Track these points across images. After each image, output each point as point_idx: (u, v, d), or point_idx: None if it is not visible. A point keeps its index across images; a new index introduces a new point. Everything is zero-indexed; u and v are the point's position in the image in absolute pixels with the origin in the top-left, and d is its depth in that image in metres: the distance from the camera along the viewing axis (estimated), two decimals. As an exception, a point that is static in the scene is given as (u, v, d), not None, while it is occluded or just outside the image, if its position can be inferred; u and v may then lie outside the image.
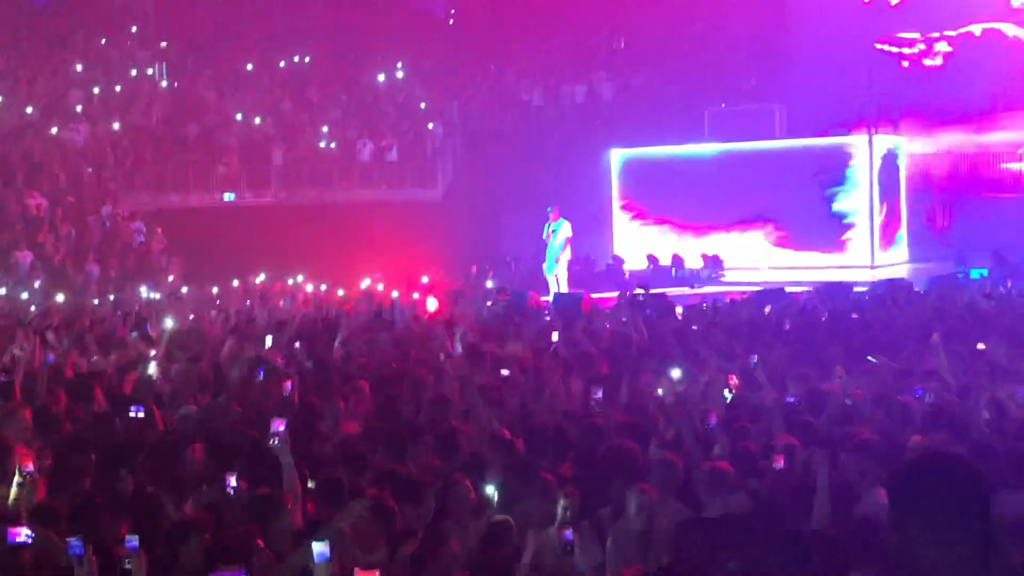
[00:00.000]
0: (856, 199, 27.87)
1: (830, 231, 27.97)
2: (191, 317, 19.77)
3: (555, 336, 14.30)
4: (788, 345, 13.85)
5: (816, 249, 27.83)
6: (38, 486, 7.41)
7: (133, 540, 5.61)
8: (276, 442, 7.49)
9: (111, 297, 25.41)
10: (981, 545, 3.13)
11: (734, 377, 11.01)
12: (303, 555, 5.91)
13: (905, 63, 31.44)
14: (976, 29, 30.46)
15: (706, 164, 29.30)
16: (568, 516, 6.96)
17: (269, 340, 14.56)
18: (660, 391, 10.64)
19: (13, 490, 7.30)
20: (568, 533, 6.20)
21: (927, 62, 31.07)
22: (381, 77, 37.61)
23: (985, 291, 18.56)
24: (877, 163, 27.82)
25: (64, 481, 7.74)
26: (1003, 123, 29.88)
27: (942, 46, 31.04)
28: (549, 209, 25.90)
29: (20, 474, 7.29)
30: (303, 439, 8.74)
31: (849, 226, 27.93)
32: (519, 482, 7.63)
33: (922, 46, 31.16)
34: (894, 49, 31.51)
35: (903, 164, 28.96)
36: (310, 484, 7.77)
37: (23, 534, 6.11)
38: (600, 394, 10.07)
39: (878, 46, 31.27)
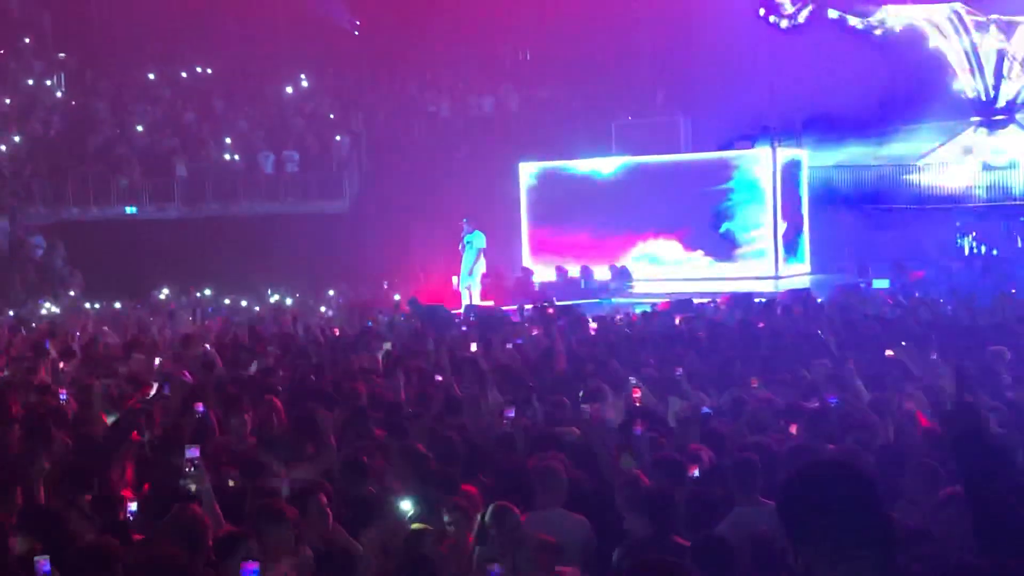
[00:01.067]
0: (759, 211, 28.30)
1: (734, 243, 28.36)
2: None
3: (473, 347, 14.30)
4: (702, 356, 13.99)
5: (721, 260, 28.20)
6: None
7: (45, 561, 5.43)
8: (191, 469, 7.41)
9: (11, 312, 24.85)
10: (881, 557, 3.08)
11: (638, 391, 11.07)
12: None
13: (784, 23, 32.23)
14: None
15: (613, 176, 29.55)
16: (454, 530, 6.99)
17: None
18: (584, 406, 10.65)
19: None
20: (495, 569, 6.10)
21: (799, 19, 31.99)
22: (289, 89, 37.32)
23: (892, 299, 18.97)
24: (780, 175, 28.26)
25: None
26: (901, 136, 30.66)
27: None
28: (464, 221, 25.94)
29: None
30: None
31: (753, 238, 28.35)
32: (434, 497, 7.63)
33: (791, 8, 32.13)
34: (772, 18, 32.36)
35: (805, 176, 29.47)
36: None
37: None
38: (512, 412, 10.02)
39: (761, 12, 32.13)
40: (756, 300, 20.76)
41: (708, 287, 24.64)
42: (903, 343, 13.20)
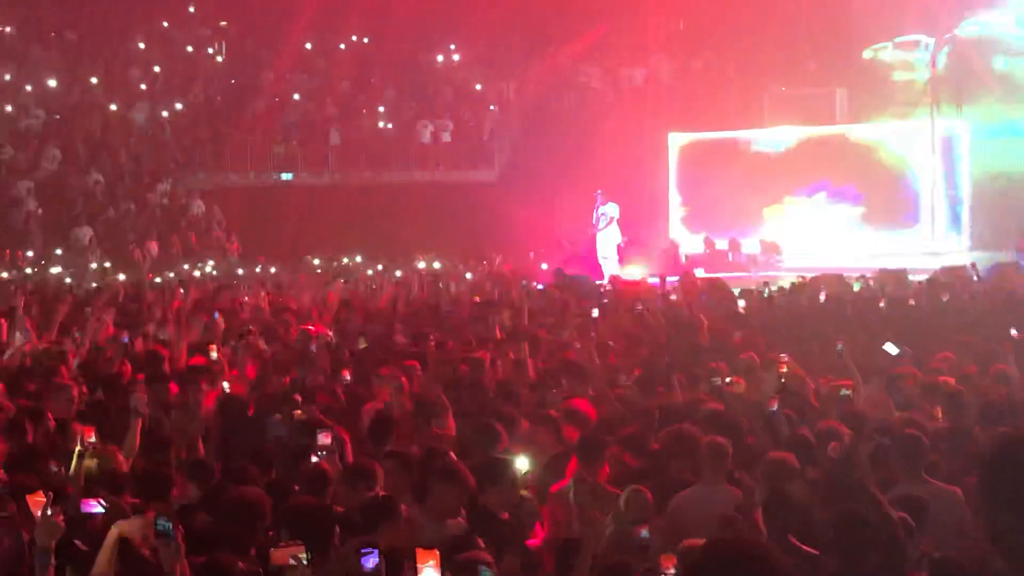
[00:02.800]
0: (917, 185, 27.56)
1: (890, 218, 27.68)
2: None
3: (595, 313, 14.28)
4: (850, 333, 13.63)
5: (877, 235, 27.52)
6: (100, 456, 7.56)
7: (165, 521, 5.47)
8: (323, 454, 7.60)
9: (170, 274, 25.60)
10: None
11: (784, 366, 10.89)
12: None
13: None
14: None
15: (766, 148, 29.09)
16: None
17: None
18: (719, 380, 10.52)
19: (74, 461, 7.45)
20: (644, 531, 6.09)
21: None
22: (440, 58, 37.56)
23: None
24: (939, 148, 27.42)
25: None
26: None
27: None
28: (598, 193, 25.88)
29: (81, 444, 7.45)
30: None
31: (911, 212, 27.64)
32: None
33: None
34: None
35: (966, 149, 28.47)
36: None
37: (97, 504, 6.20)
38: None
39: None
40: (910, 277, 20.25)
41: (859, 262, 24.03)
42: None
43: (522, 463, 7.41)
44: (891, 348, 10.46)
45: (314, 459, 7.61)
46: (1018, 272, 20.80)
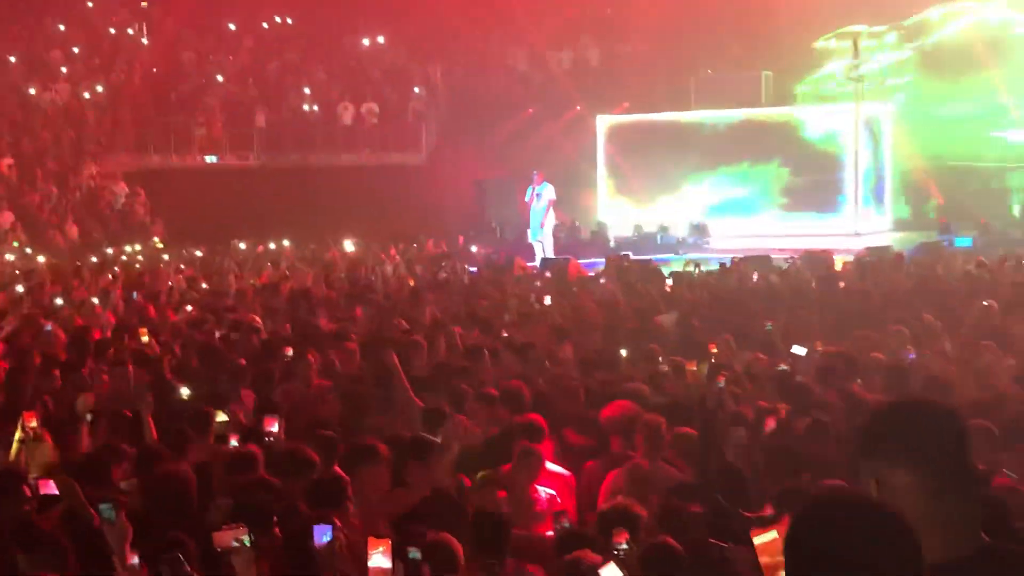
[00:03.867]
0: (841, 167, 27.99)
1: (814, 200, 28.09)
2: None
3: (547, 300, 14.31)
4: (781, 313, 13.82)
5: (802, 217, 27.92)
6: (41, 443, 7.45)
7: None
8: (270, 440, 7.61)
9: (93, 259, 25.22)
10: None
11: (714, 346, 11.02)
12: None
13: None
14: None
15: (691, 131, 29.35)
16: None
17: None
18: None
19: (14, 446, 7.36)
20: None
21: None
22: (366, 41, 37.35)
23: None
24: (861, 130, 27.87)
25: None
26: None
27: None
28: (535, 172, 25.87)
29: (22, 430, 7.35)
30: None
31: (835, 194, 28.05)
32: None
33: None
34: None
35: (888, 131, 28.97)
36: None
37: (52, 486, 6.14)
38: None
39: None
40: (835, 257, 20.54)
41: (785, 243, 24.35)
42: (984, 302, 12.99)
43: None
44: (798, 349, 10.61)
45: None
46: (943, 251, 21.20)
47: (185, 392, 9.55)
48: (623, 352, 11.33)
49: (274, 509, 6.10)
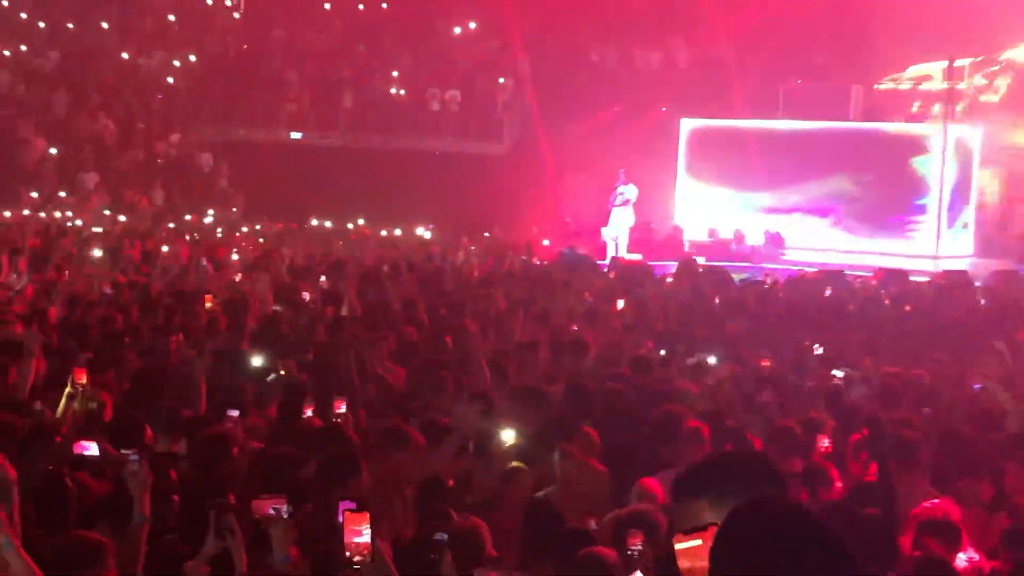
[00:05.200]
0: (926, 187, 27.51)
1: (897, 218, 27.66)
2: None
3: (620, 304, 14.27)
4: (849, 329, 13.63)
5: (880, 236, 27.50)
6: (89, 399, 7.57)
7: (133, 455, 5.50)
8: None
9: (171, 225, 25.65)
10: None
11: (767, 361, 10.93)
12: None
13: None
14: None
15: (777, 141, 28.99)
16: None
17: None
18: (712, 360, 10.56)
19: (63, 401, 7.47)
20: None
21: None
22: (457, 29, 37.41)
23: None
24: (950, 151, 27.35)
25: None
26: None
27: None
28: (621, 171, 25.72)
29: (72, 386, 7.46)
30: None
31: (917, 214, 27.58)
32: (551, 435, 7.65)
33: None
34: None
35: (977, 154, 28.41)
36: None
37: (92, 447, 6.25)
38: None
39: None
40: (911, 279, 20.24)
41: (862, 260, 24.01)
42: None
43: (507, 435, 7.43)
44: (839, 372, 10.51)
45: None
46: (1018, 280, 20.75)
47: (258, 361, 9.67)
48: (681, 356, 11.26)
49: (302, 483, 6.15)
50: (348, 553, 4.52)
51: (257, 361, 9.70)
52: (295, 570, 5.16)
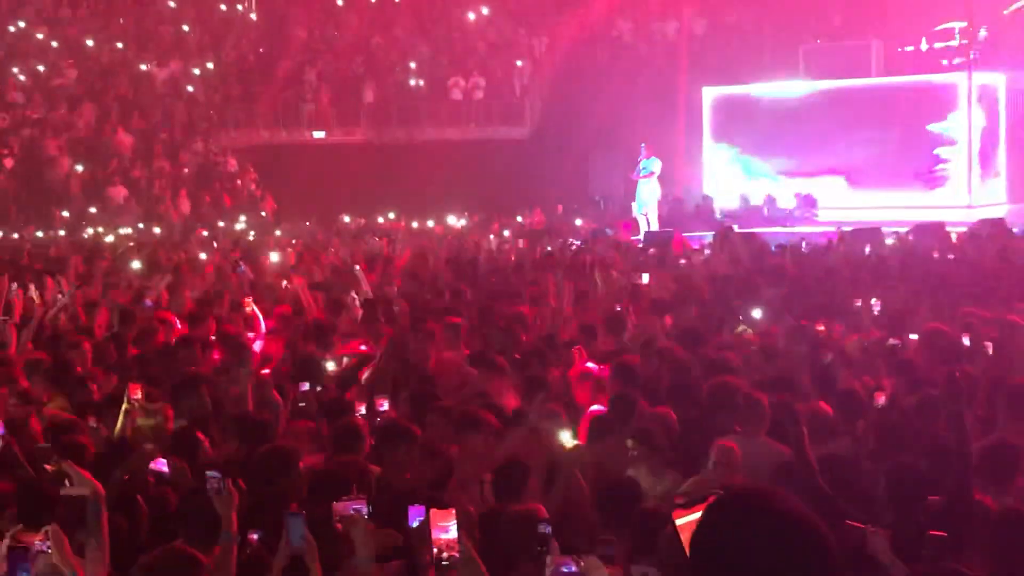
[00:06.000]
0: (955, 138, 27.27)
1: (928, 171, 27.43)
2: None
3: (645, 278, 14.19)
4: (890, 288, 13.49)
5: (912, 187, 27.29)
6: (150, 415, 7.60)
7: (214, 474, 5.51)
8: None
9: (204, 232, 25.75)
10: None
11: (822, 324, 10.86)
12: None
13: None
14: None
15: (800, 101, 28.80)
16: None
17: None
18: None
19: (120, 418, 7.49)
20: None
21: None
22: (471, 16, 37.34)
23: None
24: (975, 100, 27.09)
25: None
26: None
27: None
28: (642, 145, 25.62)
29: (128, 402, 7.48)
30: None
31: (947, 165, 27.35)
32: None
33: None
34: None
35: (1003, 100, 28.14)
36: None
37: (165, 464, 6.27)
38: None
39: None
40: (947, 230, 20.09)
41: (896, 215, 23.85)
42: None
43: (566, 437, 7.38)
44: None
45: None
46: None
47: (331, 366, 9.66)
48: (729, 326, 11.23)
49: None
50: (436, 549, 4.51)
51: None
52: (382, 573, 5.17)
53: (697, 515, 2.80)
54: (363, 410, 7.80)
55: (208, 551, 5.18)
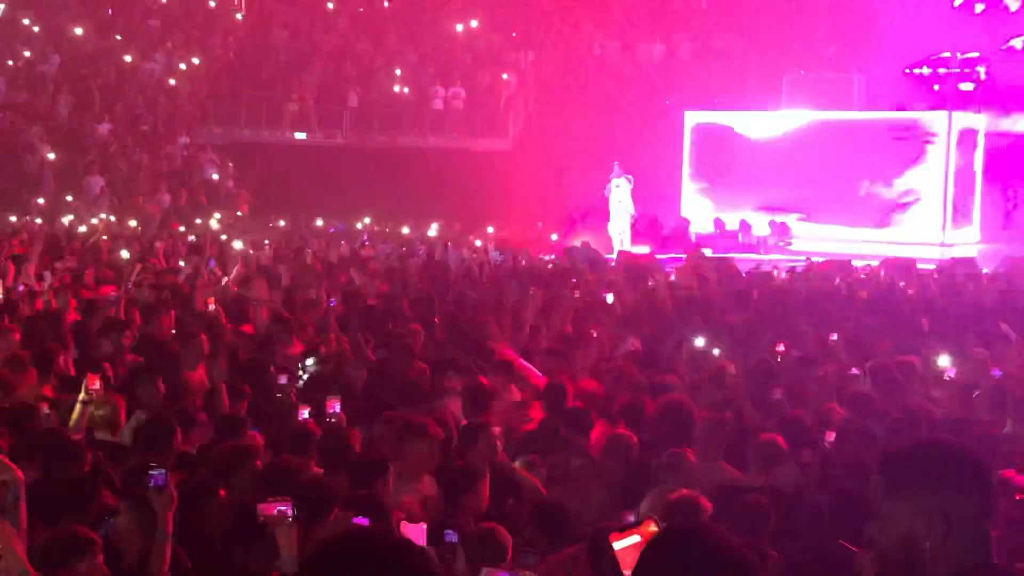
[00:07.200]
0: (931, 176, 27.43)
1: (902, 207, 27.60)
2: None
3: (609, 298, 14.25)
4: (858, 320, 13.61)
5: (883, 225, 27.44)
6: (103, 405, 7.59)
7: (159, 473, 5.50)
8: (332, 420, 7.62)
9: (181, 228, 25.71)
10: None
11: (780, 345, 10.92)
12: None
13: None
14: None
15: (781, 130, 28.94)
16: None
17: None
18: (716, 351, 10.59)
19: (77, 408, 7.49)
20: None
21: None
22: (459, 27, 37.38)
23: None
24: (954, 141, 27.29)
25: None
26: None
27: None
28: (615, 164, 25.76)
29: (86, 393, 7.47)
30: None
31: (922, 203, 27.51)
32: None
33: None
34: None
35: (981, 143, 28.36)
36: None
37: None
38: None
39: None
40: (919, 267, 20.24)
41: (869, 249, 24.01)
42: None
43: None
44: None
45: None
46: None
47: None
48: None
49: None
50: None
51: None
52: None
53: (634, 539, 2.87)
54: (306, 413, 7.82)
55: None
